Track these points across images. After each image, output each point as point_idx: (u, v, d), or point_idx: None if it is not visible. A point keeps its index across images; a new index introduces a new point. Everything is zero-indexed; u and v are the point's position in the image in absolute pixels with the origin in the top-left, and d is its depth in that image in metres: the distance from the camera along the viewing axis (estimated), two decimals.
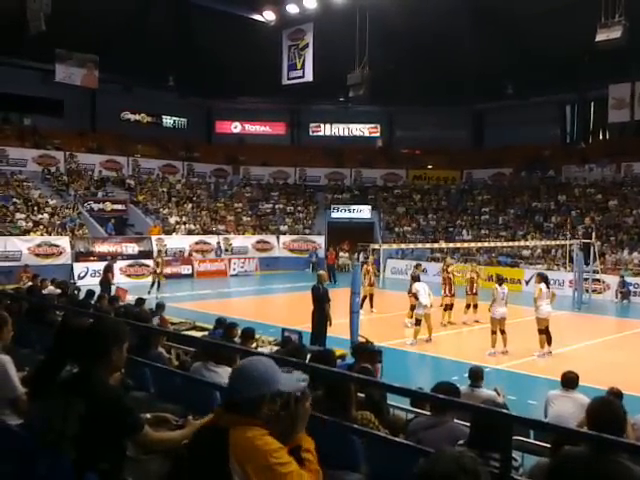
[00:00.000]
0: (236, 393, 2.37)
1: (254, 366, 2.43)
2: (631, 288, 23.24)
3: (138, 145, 35.82)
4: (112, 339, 3.09)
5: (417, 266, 17.95)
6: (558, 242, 26.24)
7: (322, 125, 41.65)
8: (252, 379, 2.36)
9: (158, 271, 21.72)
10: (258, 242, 32.75)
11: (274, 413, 2.37)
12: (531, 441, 4.46)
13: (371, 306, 18.57)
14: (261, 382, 2.35)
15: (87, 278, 23.72)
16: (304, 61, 26.00)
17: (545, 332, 13.36)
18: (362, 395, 4.60)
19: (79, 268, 24.67)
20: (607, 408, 3.28)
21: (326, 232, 34.42)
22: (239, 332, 7.63)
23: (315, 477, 2.34)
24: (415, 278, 15.67)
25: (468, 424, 3.74)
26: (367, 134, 41.63)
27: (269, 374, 2.39)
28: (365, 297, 17.78)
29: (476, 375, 6.88)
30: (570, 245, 23.60)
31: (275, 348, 8.18)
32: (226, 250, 30.94)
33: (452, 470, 1.70)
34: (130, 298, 12.81)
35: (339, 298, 14.66)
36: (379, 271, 21.19)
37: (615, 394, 5.85)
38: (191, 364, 5.84)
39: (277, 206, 36.66)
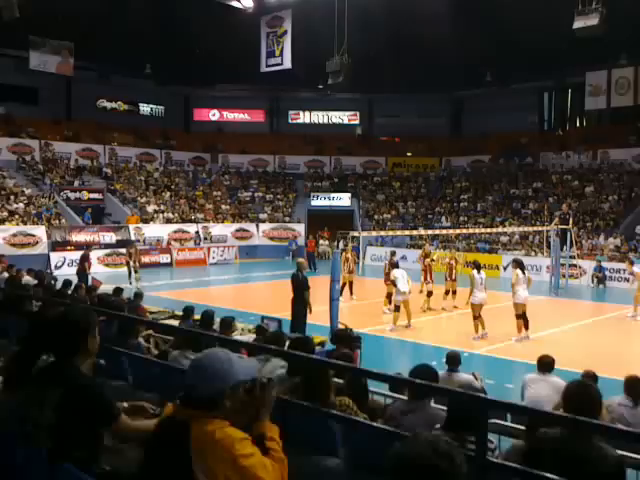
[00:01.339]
0: (193, 391, 2.29)
1: (209, 362, 2.34)
2: (607, 273, 23.58)
3: (115, 133, 35.43)
4: (87, 327, 3.09)
5: (392, 253, 18.03)
6: (535, 228, 26.50)
7: (301, 113, 41.53)
8: (208, 376, 2.27)
9: (132, 261, 21.46)
10: (237, 230, 32.64)
11: (238, 401, 2.32)
12: (508, 424, 4.51)
13: (351, 293, 18.63)
14: (218, 378, 2.27)
15: (64, 268, 23.47)
16: (283, 48, 25.79)
17: (522, 317, 13.53)
18: (341, 381, 4.62)
19: (56, 258, 24.40)
20: (583, 391, 3.33)
21: (306, 220, 34.42)
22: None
23: (280, 466, 2.28)
24: (393, 265, 15.74)
25: (445, 408, 3.77)
26: (346, 122, 41.59)
27: (225, 368, 2.30)
28: (345, 284, 17.83)
29: (453, 359, 6.94)
30: (547, 231, 23.85)
31: (254, 336, 8.18)
32: (205, 238, 30.81)
33: (426, 453, 1.69)
34: (108, 287, 12.70)
35: (319, 286, 14.69)
36: (359, 258, 21.22)
37: (590, 377, 5.94)
38: (170, 353, 5.82)
39: (256, 194, 36.53)
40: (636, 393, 5.94)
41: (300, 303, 12.25)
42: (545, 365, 6.80)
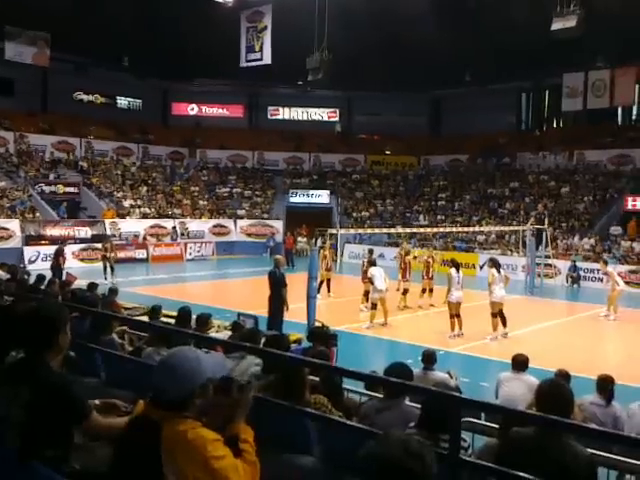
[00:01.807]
0: (161, 393, 2.26)
1: (178, 361, 2.30)
2: (581, 273, 23.88)
3: (91, 126, 34.94)
4: (59, 323, 3.04)
5: (370, 251, 18.10)
6: (512, 228, 26.76)
7: (281, 109, 41.42)
8: (177, 377, 2.24)
9: (108, 256, 21.23)
10: (215, 226, 32.48)
11: (213, 402, 2.29)
12: (481, 422, 4.54)
13: (328, 290, 18.65)
14: (186, 379, 2.24)
15: (38, 262, 23.15)
16: (262, 43, 25.68)
17: (499, 315, 13.68)
18: (317, 379, 4.62)
19: (30, 252, 24.05)
20: (555, 390, 3.35)
21: (284, 217, 34.36)
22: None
23: (251, 468, 2.25)
24: (371, 263, 15.78)
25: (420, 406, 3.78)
26: (326, 118, 41.58)
27: (194, 367, 2.26)
28: (322, 282, 17.84)
29: (429, 358, 6.98)
30: (523, 231, 24.09)
31: (230, 333, 8.14)
32: (182, 234, 30.61)
33: (398, 453, 1.70)
34: (82, 283, 12.54)
35: (297, 283, 14.66)
36: (337, 256, 21.25)
37: (563, 376, 6.01)
38: (144, 350, 5.76)
39: (234, 190, 36.36)
40: (608, 392, 6.03)
41: (277, 300, 12.21)
42: (519, 364, 6.88)
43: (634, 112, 34.50)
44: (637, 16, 23.15)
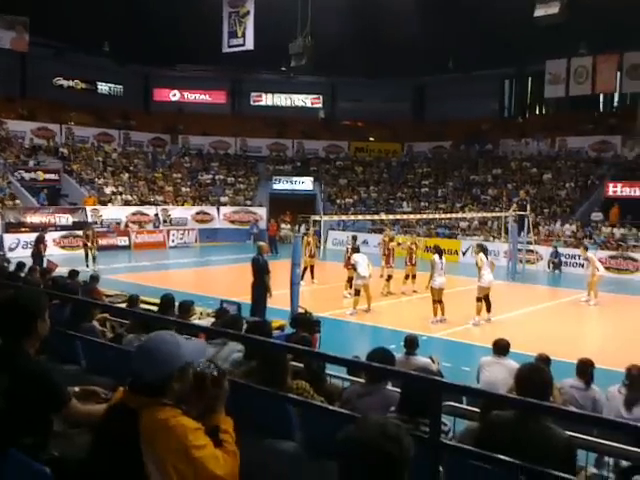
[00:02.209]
0: (140, 377, 2.25)
1: (156, 345, 2.30)
2: (563, 259, 24.09)
3: (72, 112, 34.48)
4: (37, 310, 3.01)
5: (354, 238, 18.11)
6: (494, 214, 26.89)
7: (264, 95, 41.16)
8: (155, 360, 2.24)
9: (89, 244, 21.05)
10: (198, 213, 32.31)
11: (190, 393, 2.28)
12: (462, 406, 4.57)
13: (312, 277, 18.67)
14: (164, 362, 2.24)
15: (18, 250, 22.88)
16: (245, 29, 25.38)
17: (484, 300, 13.81)
18: (302, 365, 4.62)
19: (9, 239, 23.78)
20: (534, 373, 3.38)
21: (267, 204, 34.27)
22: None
23: (232, 459, 2.25)
24: (355, 249, 15.79)
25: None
26: (309, 105, 41.38)
27: (172, 351, 2.26)
28: (306, 268, 17.85)
29: (411, 343, 7.01)
30: (505, 217, 24.23)
31: (212, 320, 8.12)
32: (165, 221, 30.42)
33: (375, 437, 1.71)
34: (63, 270, 12.43)
35: (280, 269, 14.65)
36: (320, 243, 21.23)
37: (543, 360, 6.07)
38: (125, 336, 5.73)
39: (217, 177, 36.15)
40: (587, 375, 6.10)
41: (260, 287, 12.19)
42: (500, 348, 6.94)
43: (615, 99, 34.72)
44: (619, 3, 23.22)
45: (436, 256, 14.13)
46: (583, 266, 21.07)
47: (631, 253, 23.27)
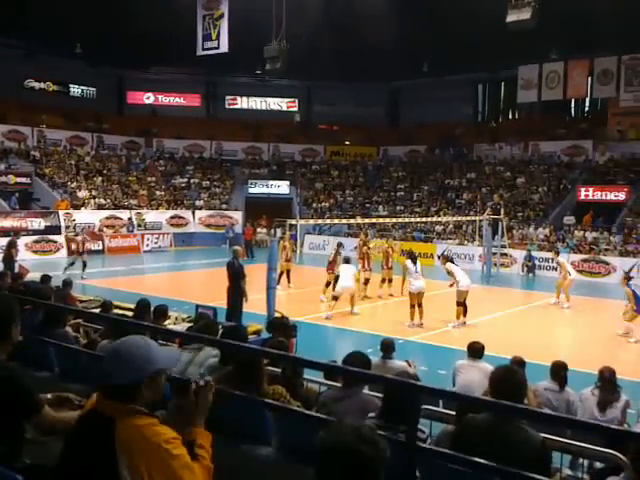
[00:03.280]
0: (111, 379, 2.22)
1: (126, 347, 2.26)
2: (536, 262, 24.36)
3: (43, 115, 33.98)
4: (9, 316, 2.97)
5: (339, 245, 17.99)
6: (469, 218, 27.14)
7: (239, 98, 41.01)
8: (126, 364, 2.20)
9: (81, 250, 20.72)
10: (172, 217, 32.04)
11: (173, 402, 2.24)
12: (440, 410, 4.59)
13: (288, 281, 18.62)
14: (136, 366, 2.20)
15: None
16: (219, 32, 25.27)
17: (462, 304, 13.90)
18: (278, 369, 4.60)
19: None
20: (507, 375, 3.41)
21: (243, 207, 34.13)
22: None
23: (206, 473, 2.23)
24: (345, 260, 15.64)
25: (379, 395, 3.80)
26: (285, 108, 41.35)
27: (143, 354, 2.23)
28: (282, 273, 17.81)
29: (387, 347, 7.03)
30: (480, 221, 24.46)
31: (187, 325, 8.05)
32: (139, 225, 30.11)
33: (351, 440, 1.72)
34: (36, 275, 12.23)
35: (256, 274, 14.61)
36: (296, 247, 21.22)
37: (518, 362, 6.13)
38: (99, 342, 5.65)
39: (192, 180, 35.92)
40: (561, 378, 6.17)
41: (236, 291, 12.14)
42: (475, 351, 6.99)
43: (586, 104, 35.30)
44: (590, 9, 23.62)
45: (408, 261, 14.22)
46: (556, 269, 21.34)
47: (603, 256, 23.64)
